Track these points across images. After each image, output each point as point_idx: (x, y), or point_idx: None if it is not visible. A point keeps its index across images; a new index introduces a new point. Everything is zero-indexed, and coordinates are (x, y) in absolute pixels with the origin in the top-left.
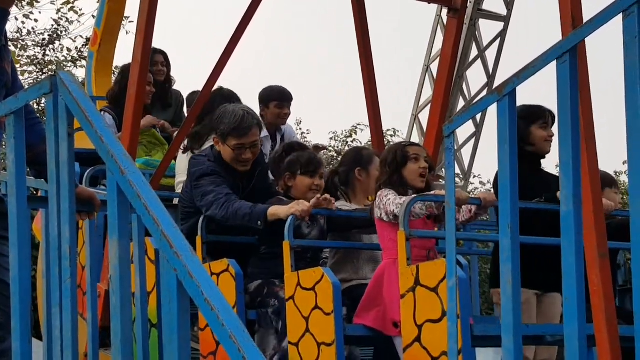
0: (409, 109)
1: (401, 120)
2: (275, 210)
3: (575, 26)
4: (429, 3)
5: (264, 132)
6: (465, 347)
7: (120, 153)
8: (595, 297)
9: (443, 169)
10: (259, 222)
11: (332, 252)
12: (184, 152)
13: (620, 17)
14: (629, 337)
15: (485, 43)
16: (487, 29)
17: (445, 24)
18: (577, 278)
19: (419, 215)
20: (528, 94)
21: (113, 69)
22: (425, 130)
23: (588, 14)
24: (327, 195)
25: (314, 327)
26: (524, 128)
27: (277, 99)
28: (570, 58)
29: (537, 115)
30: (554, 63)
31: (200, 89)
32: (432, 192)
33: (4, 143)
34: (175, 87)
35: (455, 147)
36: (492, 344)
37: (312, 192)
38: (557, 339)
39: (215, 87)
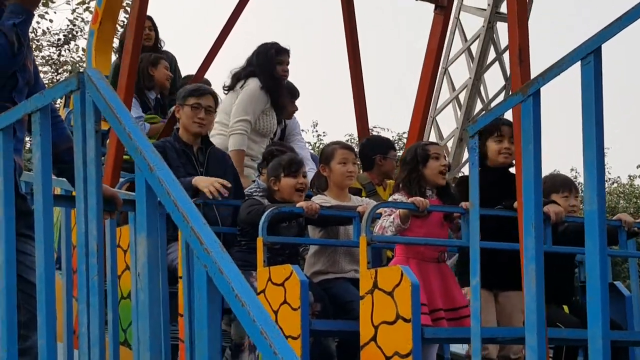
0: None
1: None
2: (196, 182)
3: (522, 58)
4: (417, 0)
5: None
6: (416, 348)
7: (149, 150)
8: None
9: (462, 169)
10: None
11: None
12: (226, 93)
13: None
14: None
15: (503, 46)
16: (505, 32)
17: (462, 27)
18: (601, 278)
19: (393, 228)
20: (551, 95)
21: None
22: (441, 131)
23: (609, 16)
24: (310, 204)
25: (282, 321)
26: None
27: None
28: (594, 59)
29: (491, 128)
30: (578, 64)
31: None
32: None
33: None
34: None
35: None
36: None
37: (298, 191)
38: (508, 339)
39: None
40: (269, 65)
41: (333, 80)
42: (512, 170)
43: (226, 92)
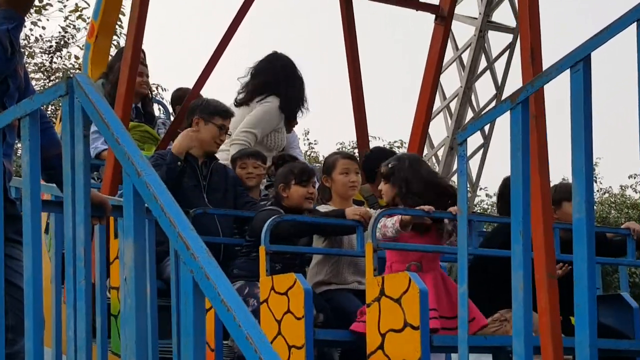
0: None
1: (406, 131)
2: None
3: (534, 58)
4: (417, 10)
5: None
6: (424, 356)
7: (137, 155)
8: (542, 316)
9: (453, 177)
10: (179, 162)
11: None
12: (237, 106)
13: (634, 26)
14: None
15: (494, 54)
16: (497, 41)
17: (453, 35)
18: (588, 284)
19: (393, 230)
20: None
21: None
22: (432, 140)
23: (597, 25)
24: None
25: (285, 330)
26: None
27: None
28: (584, 66)
29: None
30: (567, 72)
31: (183, 85)
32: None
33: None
34: (166, 85)
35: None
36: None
37: (307, 200)
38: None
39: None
40: (293, 80)
41: (324, 88)
42: None
43: (237, 105)
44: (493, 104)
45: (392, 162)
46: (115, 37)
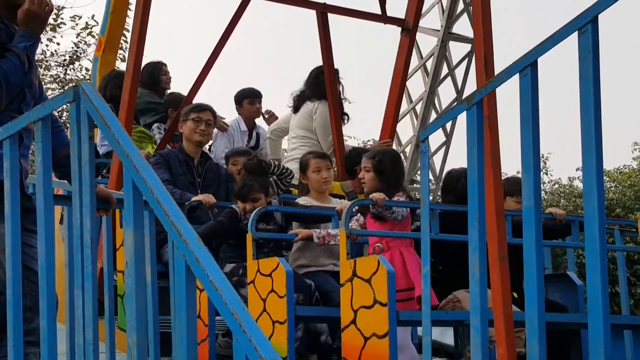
0: None
1: (378, 131)
2: (196, 197)
3: (487, 67)
4: (385, 24)
5: (242, 127)
6: (392, 329)
7: (135, 153)
8: (495, 292)
9: (419, 172)
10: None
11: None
12: (295, 112)
13: (575, 34)
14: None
15: (454, 62)
16: (457, 50)
17: (418, 45)
18: (537, 264)
19: None
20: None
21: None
22: (400, 139)
23: (545, 32)
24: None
25: (270, 307)
26: None
27: (248, 96)
28: (531, 71)
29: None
30: (517, 76)
31: (179, 90)
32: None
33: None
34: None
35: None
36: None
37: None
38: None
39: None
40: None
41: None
42: None
43: (295, 110)
44: (454, 105)
45: (378, 156)
46: (120, 51)
